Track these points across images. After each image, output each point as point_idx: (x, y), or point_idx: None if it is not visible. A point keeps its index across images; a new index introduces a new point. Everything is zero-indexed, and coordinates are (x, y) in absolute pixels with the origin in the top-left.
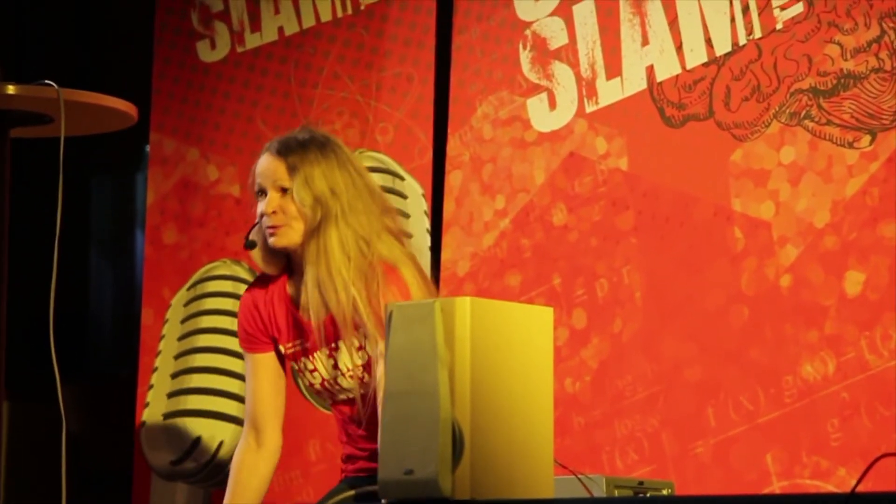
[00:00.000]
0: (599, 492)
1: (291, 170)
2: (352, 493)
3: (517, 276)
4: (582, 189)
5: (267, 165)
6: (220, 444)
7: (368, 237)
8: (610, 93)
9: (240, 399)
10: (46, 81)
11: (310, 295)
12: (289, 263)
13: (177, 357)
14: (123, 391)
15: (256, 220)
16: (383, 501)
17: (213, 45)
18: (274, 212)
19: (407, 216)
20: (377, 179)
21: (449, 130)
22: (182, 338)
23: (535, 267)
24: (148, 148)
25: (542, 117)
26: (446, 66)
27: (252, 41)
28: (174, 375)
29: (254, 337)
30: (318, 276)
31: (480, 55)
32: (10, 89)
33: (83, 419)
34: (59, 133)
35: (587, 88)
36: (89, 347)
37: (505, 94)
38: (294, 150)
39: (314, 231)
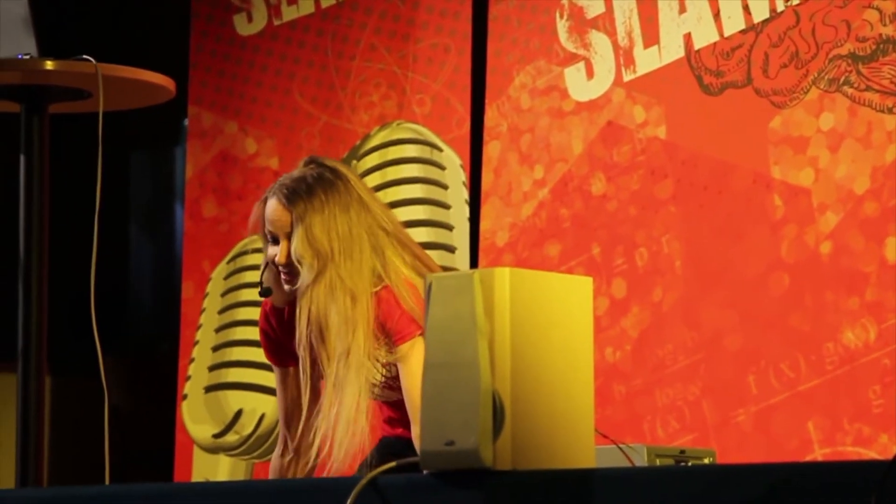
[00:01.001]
0: (641, 461)
1: (295, 220)
2: (393, 464)
3: (556, 245)
4: (620, 158)
5: (276, 215)
6: (262, 416)
7: (363, 284)
8: (647, 61)
9: None
10: (84, 57)
11: (300, 346)
12: None
13: (217, 330)
14: (164, 365)
15: (267, 262)
16: (425, 472)
17: (250, 19)
18: (289, 262)
19: (445, 187)
20: (414, 151)
21: (486, 101)
22: (222, 311)
23: (574, 237)
24: (186, 122)
25: (580, 86)
26: (483, 36)
27: (289, 14)
28: (215, 349)
29: (272, 352)
30: (310, 333)
31: (517, 25)
32: (49, 65)
33: (125, 393)
34: (97, 108)
35: (624, 57)
36: (130, 322)
37: (542, 64)
38: (300, 198)
39: (311, 284)
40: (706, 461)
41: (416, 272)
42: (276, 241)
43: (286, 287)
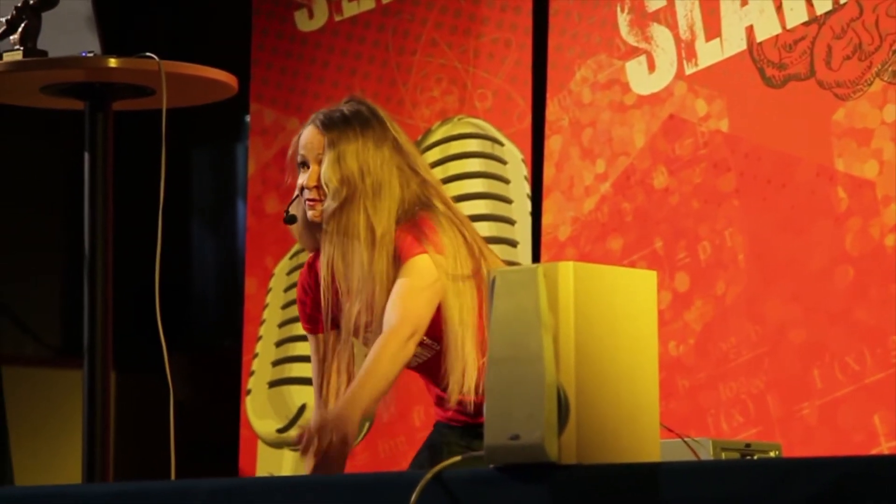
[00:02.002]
0: (706, 455)
1: (328, 144)
2: (458, 458)
3: (619, 239)
4: (683, 151)
5: (309, 138)
6: None
7: (389, 221)
8: (709, 54)
9: None
10: (148, 54)
11: (322, 274)
12: None
13: (280, 325)
14: (228, 360)
15: (297, 193)
16: (490, 466)
17: (311, 15)
18: (316, 186)
19: (507, 182)
20: (476, 146)
21: (548, 95)
22: (285, 306)
23: (636, 230)
24: (248, 118)
25: (642, 80)
26: (544, 30)
27: (349, 9)
28: (278, 344)
29: (307, 319)
30: (332, 259)
31: (578, 19)
32: (113, 62)
33: (190, 389)
34: (160, 105)
35: (686, 50)
36: (194, 318)
37: (603, 58)
38: (336, 125)
39: (336, 210)
40: (772, 455)
41: (446, 219)
42: (303, 168)
43: (309, 213)
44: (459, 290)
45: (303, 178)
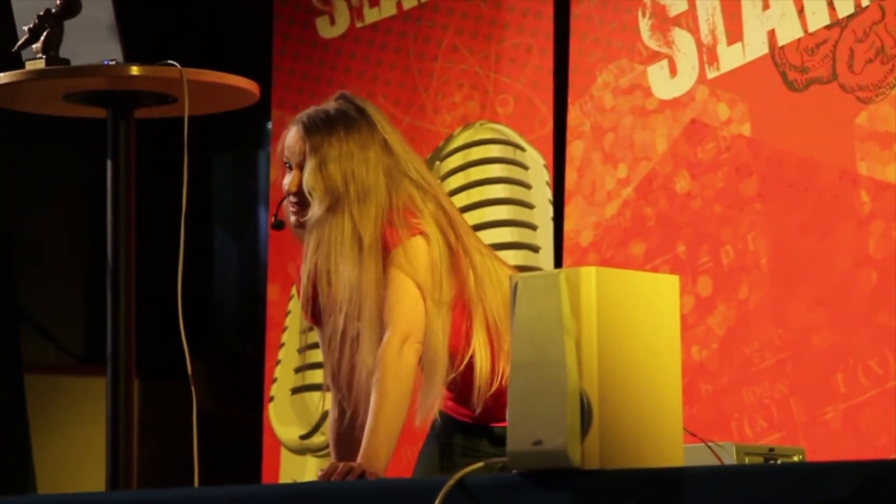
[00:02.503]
0: (730, 459)
1: (310, 150)
2: (481, 464)
3: (641, 244)
4: (705, 156)
5: (291, 142)
6: None
7: (374, 228)
8: (731, 58)
9: None
10: (169, 62)
11: (302, 285)
12: None
13: (303, 332)
14: (251, 367)
15: (284, 195)
16: (513, 472)
17: (333, 21)
18: (297, 191)
19: (529, 187)
20: (497, 151)
21: (569, 100)
22: None
23: (658, 235)
24: (270, 125)
25: (663, 85)
26: (565, 35)
27: (371, 16)
28: (301, 350)
29: (310, 312)
30: (316, 270)
31: (599, 24)
32: (134, 70)
33: (212, 395)
34: (182, 112)
35: (708, 54)
36: (216, 325)
37: (625, 63)
38: (318, 129)
39: (321, 219)
40: (796, 459)
41: (436, 222)
42: (288, 170)
43: (292, 219)
44: (439, 312)
45: (286, 182)
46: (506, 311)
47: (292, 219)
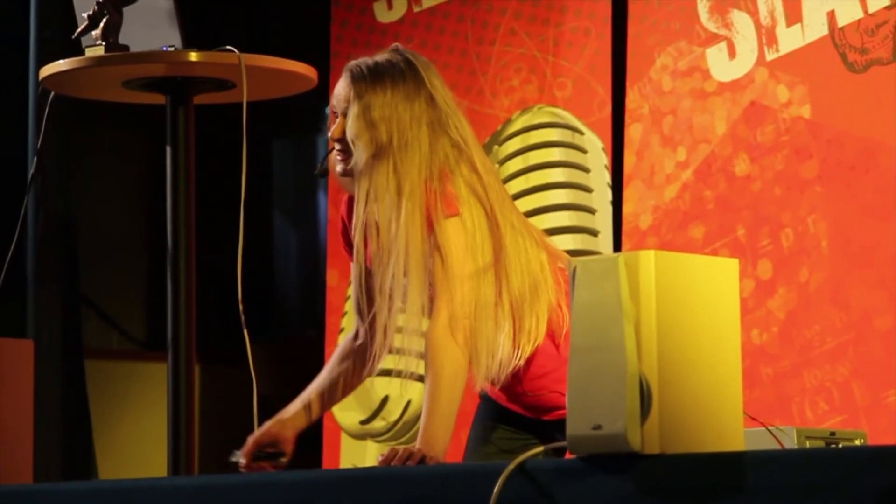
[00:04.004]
0: (790, 443)
1: (354, 97)
2: (541, 448)
3: (700, 227)
4: (764, 138)
5: (339, 89)
6: (409, 402)
7: (417, 177)
8: (790, 40)
9: None
10: (228, 48)
11: (356, 240)
12: None
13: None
14: (311, 352)
15: (331, 144)
16: (573, 456)
17: (390, 6)
18: (340, 138)
19: (587, 171)
20: (556, 135)
21: (627, 83)
22: None
23: (718, 218)
24: (328, 110)
25: (722, 67)
26: (623, 18)
27: (429, 0)
28: None
29: (348, 244)
30: (365, 222)
31: (657, 6)
32: (193, 56)
33: (273, 380)
34: (241, 98)
35: (767, 36)
36: (276, 310)
37: (683, 45)
38: (365, 77)
39: (365, 168)
40: (857, 443)
41: (468, 186)
42: (336, 117)
43: (339, 167)
44: (483, 281)
45: (331, 128)
46: (530, 290)
47: (339, 167)
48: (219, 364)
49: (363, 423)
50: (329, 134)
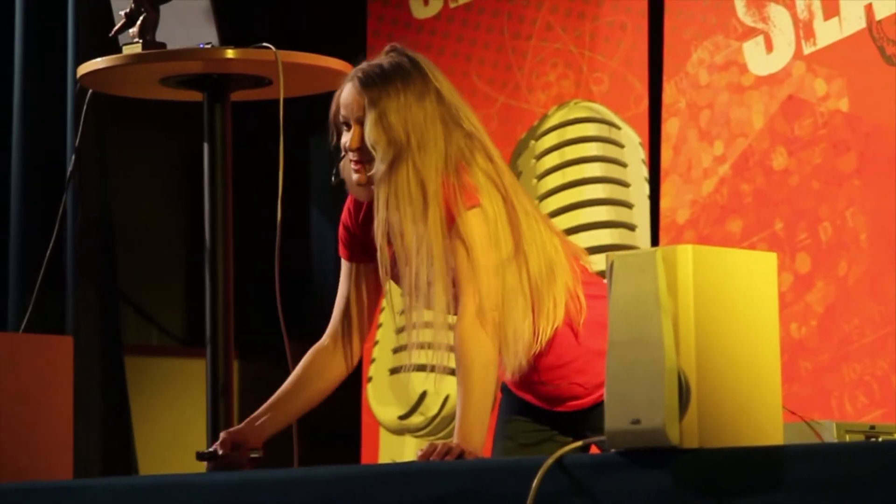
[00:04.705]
0: (830, 437)
1: (369, 105)
2: (580, 443)
3: (738, 221)
4: (802, 132)
5: (350, 98)
6: (447, 397)
7: (436, 175)
8: (828, 33)
9: None
10: (264, 45)
11: (378, 242)
12: None
13: (401, 312)
14: None
15: (342, 153)
16: (611, 450)
17: (426, 1)
18: (359, 147)
19: (624, 165)
20: (593, 130)
21: (664, 78)
22: None
23: (756, 212)
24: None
25: (759, 61)
26: (660, 12)
27: None
28: (399, 331)
29: (348, 245)
30: (387, 224)
31: (694, 0)
32: (230, 53)
33: None
34: (278, 95)
35: (804, 30)
36: (314, 305)
37: (720, 39)
38: (375, 83)
39: (386, 172)
40: None
41: (485, 174)
42: (346, 128)
43: (355, 177)
44: (508, 269)
45: (345, 139)
46: (547, 272)
47: (355, 177)
48: (257, 359)
49: (402, 418)
50: (344, 145)
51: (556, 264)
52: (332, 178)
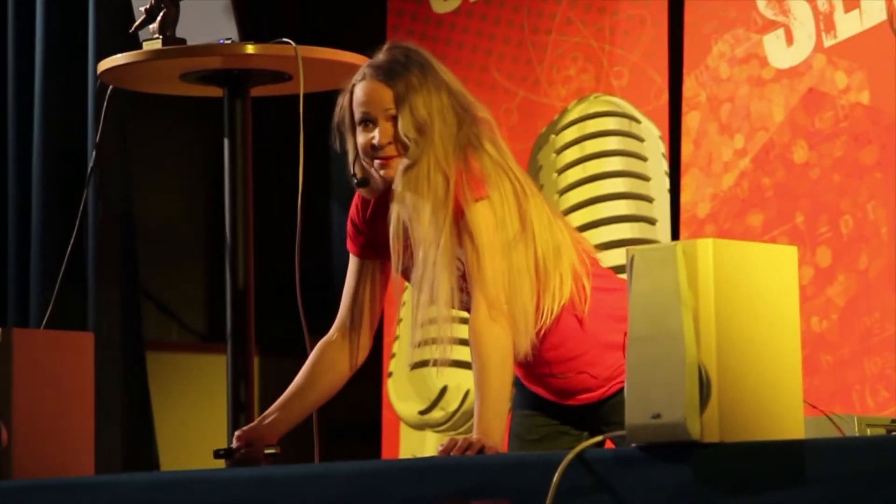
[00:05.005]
0: (851, 431)
1: (398, 98)
2: (601, 438)
3: (759, 215)
4: (822, 125)
5: (377, 94)
6: (467, 392)
7: (453, 165)
8: (848, 26)
9: None
10: (284, 40)
11: (392, 231)
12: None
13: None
14: None
15: (358, 152)
16: (632, 445)
17: None
18: (389, 142)
19: (644, 159)
20: (613, 124)
21: (684, 71)
22: None
23: (776, 206)
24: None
25: (780, 54)
26: (680, 6)
27: None
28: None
29: (356, 241)
30: (403, 217)
31: None
32: (250, 49)
33: None
34: (297, 90)
35: (825, 22)
36: (334, 301)
37: (741, 32)
38: (399, 75)
39: (409, 165)
40: None
41: (492, 160)
42: (367, 126)
43: (380, 172)
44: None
45: (372, 136)
46: (553, 250)
47: (382, 172)
48: (278, 355)
49: (422, 413)
50: (374, 141)
51: (562, 244)
52: (353, 180)
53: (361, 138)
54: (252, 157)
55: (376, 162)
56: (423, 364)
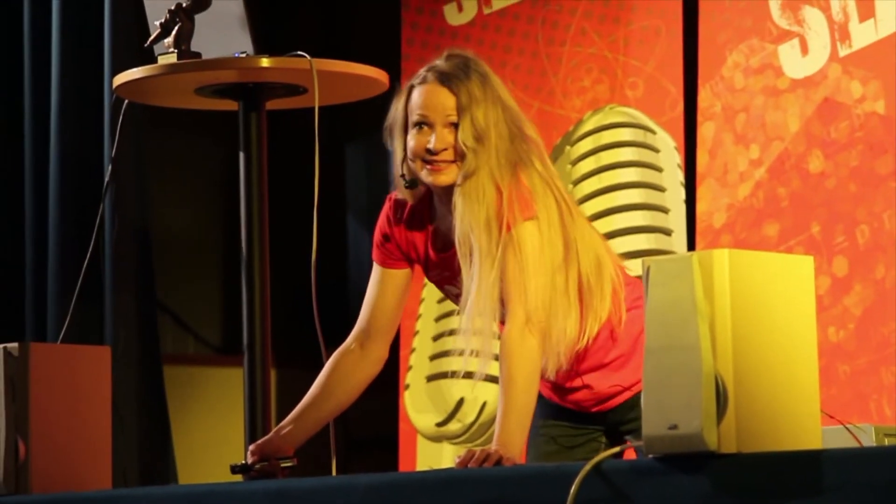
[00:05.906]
0: (869, 441)
1: (460, 106)
2: (618, 449)
3: (775, 225)
4: (838, 135)
5: (436, 98)
6: (484, 404)
7: (507, 177)
8: (863, 35)
9: None
10: (299, 53)
11: (459, 233)
12: (430, 194)
13: (437, 319)
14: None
15: (406, 154)
16: (649, 456)
17: (461, 8)
18: (445, 149)
19: (660, 170)
20: (628, 134)
21: (699, 82)
22: (442, 301)
23: (792, 216)
24: (393, 121)
25: (795, 64)
26: (694, 16)
27: (498, 2)
28: (435, 338)
29: (386, 251)
30: (472, 218)
31: (729, 4)
32: (265, 62)
33: None
34: (313, 103)
35: (840, 32)
36: (351, 313)
37: (755, 42)
38: (463, 84)
39: (469, 174)
40: None
41: (541, 177)
42: (422, 129)
43: (429, 178)
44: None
45: (427, 140)
46: (596, 267)
47: (434, 177)
48: (294, 368)
49: (439, 425)
50: (430, 145)
51: (603, 257)
52: (403, 180)
53: (414, 141)
54: (268, 170)
55: (427, 167)
56: (444, 375)
